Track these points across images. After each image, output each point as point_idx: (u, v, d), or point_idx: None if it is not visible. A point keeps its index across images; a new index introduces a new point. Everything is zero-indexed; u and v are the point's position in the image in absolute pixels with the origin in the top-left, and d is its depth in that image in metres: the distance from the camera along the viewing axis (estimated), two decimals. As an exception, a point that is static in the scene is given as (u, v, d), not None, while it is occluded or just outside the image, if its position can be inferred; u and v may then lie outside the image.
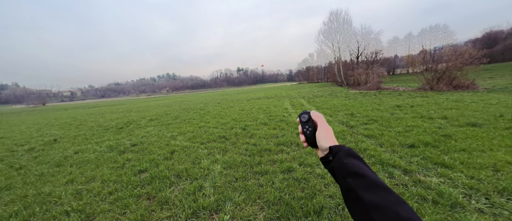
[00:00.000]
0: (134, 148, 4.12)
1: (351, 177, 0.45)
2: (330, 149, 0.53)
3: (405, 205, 0.38)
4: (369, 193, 0.40)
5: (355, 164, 0.47)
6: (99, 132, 6.29)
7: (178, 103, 16.53)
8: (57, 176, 2.99)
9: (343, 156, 0.49)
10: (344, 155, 0.49)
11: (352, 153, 0.50)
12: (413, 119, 4.69)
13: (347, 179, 0.45)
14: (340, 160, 0.49)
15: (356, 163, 0.47)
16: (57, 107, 35.27)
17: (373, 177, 0.43)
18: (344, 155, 0.49)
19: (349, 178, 0.45)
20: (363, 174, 0.44)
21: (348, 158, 0.48)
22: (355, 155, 0.49)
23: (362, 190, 0.42)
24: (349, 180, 0.44)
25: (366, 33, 26.90)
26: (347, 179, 0.45)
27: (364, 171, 0.45)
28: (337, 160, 0.49)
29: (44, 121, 11.06)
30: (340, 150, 0.51)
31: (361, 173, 0.44)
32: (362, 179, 0.43)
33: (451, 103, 6.30)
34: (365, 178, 0.43)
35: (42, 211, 2.10)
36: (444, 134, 3.45)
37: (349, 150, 0.50)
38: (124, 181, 2.61)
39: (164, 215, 1.91)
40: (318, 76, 71.07)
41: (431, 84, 10.54)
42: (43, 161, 3.76)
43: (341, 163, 0.48)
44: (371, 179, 0.43)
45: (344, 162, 0.48)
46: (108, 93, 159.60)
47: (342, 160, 0.48)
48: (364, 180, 0.43)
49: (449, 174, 2.21)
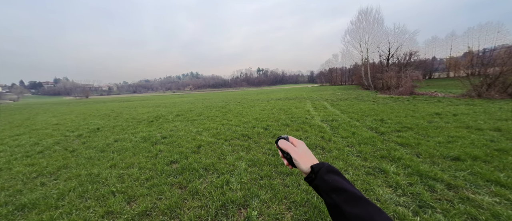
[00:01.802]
0: (165, 140, 4.45)
1: (334, 193, 0.47)
2: (311, 168, 0.55)
3: (383, 214, 0.41)
4: (350, 206, 0.43)
5: (336, 180, 0.49)
6: (133, 124, 6.93)
7: (201, 101, 17.32)
8: (102, 160, 3.39)
9: (324, 173, 0.51)
10: (324, 172, 0.52)
11: (332, 169, 0.52)
12: (456, 129, 4.18)
13: (331, 194, 0.48)
14: (322, 177, 0.51)
15: (336, 179, 0.50)
16: (97, 100, 39.93)
17: (353, 191, 0.46)
18: (325, 172, 0.51)
19: (332, 194, 0.47)
20: (344, 188, 0.47)
21: (328, 175, 0.51)
22: (334, 171, 0.52)
23: (344, 203, 0.44)
24: (333, 196, 0.47)
25: (400, 32, 24.67)
26: (331, 195, 0.47)
27: (344, 185, 0.48)
28: (319, 178, 0.52)
29: (88, 111, 12.60)
30: (321, 168, 0.53)
31: (342, 188, 0.47)
32: (344, 193, 0.46)
33: (506, 113, 5.45)
34: (346, 192, 0.46)
35: (93, 189, 2.41)
36: (498, 148, 3.01)
37: (329, 167, 0.53)
38: (158, 170, 2.85)
39: (195, 204, 2.04)
40: (342, 78, 67.67)
41: (479, 90, 9.23)
42: (90, 146, 4.30)
43: (323, 180, 0.50)
44: (351, 192, 0.46)
45: (325, 179, 0.50)
46: (139, 89, 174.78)
47: (323, 177, 0.51)
48: (345, 194, 0.46)
49: (506, 194, 1.93)
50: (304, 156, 0.59)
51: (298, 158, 0.58)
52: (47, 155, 3.85)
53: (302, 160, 0.58)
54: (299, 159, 0.58)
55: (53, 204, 2.15)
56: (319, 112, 7.30)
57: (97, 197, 2.24)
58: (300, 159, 0.58)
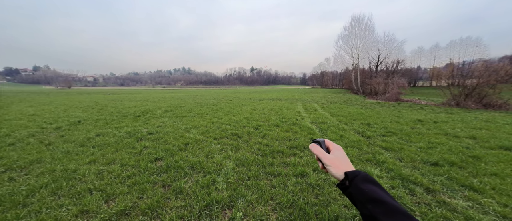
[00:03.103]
0: (151, 137, 4.29)
1: (371, 203, 0.45)
2: (345, 175, 0.53)
3: None
4: (390, 220, 0.41)
5: (373, 190, 0.47)
6: (118, 118, 6.63)
7: (192, 97, 16.97)
8: (81, 155, 3.20)
9: (360, 182, 0.49)
10: (361, 180, 0.49)
11: (369, 179, 0.50)
12: (436, 135, 4.41)
13: (367, 205, 0.45)
14: (357, 186, 0.49)
15: (374, 189, 0.47)
16: (81, 91, 37.84)
17: (392, 203, 0.44)
18: (361, 181, 0.49)
19: (369, 205, 0.45)
20: (383, 200, 0.44)
21: (365, 184, 0.49)
22: (372, 180, 0.50)
23: (383, 216, 0.42)
24: (369, 207, 0.45)
25: (389, 41, 25.76)
26: (367, 206, 0.45)
27: (383, 197, 0.45)
28: (354, 186, 0.49)
29: (69, 103, 11.89)
30: (357, 175, 0.51)
31: (380, 199, 0.45)
32: (382, 205, 0.44)
33: (480, 122, 5.83)
34: (385, 204, 0.44)
35: (68, 186, 2.26)
36: (472, 155, 3.20)
37: (366, 176, 0.50)
38: (141, 167, 2.73)
39: (178, 204, 1.97)
40: (333, 82, 69.29)
41: (457, 100, 9.83)
42: (69, 140, 4.04)
43: (359, 189, 0.48)
44: (391, 205, 0.43)
45: (361, 188, 0.48)
46: (127, 82, 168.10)
47: (359, 186, 0.49)
48: (384, 206, 0.43)
49: (478, 199, 2.05)
50: (337, 161, 0.56)
51: (329, 163, 0.56)
52: (19, 147, 3.57)
53: (334, 166, 0.56)
54: (330, 164, 0.56)
55: (21, 201, 1.98)
56: (309, 114, 7.40)
57: (72, 195, 2.10)
58: (332, 165, 0.56)
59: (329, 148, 0.62)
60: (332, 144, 0.62)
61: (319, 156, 0.59)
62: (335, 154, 0.58)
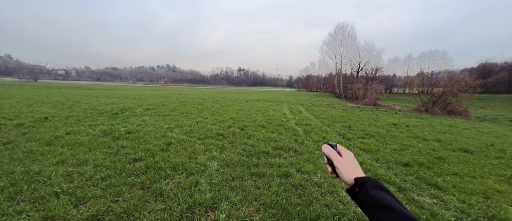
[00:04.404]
0: (129, 136, 4.04)
1: (381, 210, 0.45)
2: (355, 181, 0.53)
3: None
4: None
5: (383, 197, 0.47)
6: (93, 115, 6.13)
7: (176, 96, 16.36)
8: (47, 156, 2.89)
9: (370, 188, 0.49)
10: (371, 187, 0.49)
11: (379, 186, 0.50)
12: (408, 138, 4.79)
13: (377, 212, 0.45)
14: (367, 192, 0.49)
15: (383, 196, 0.47)
16: (49, 84, 34.25)
17: (403, 211, 0.44)
18: (371, 187, 0.49)
19: (378, 211, 0.45)
20: (393, 207, 0.44)
21: (375, 190, 0.48)
22: (382, 187, 0.50)
23: None
24: (379, 214, 0.45)
25: (369, 49, 27.48)
26: (377, 212, 0.45)
27: (393, 204, 0.45)
28: (364, 193, 0.49)
29: (35, 97, 10.71)
30: (367, 182, 0.51)
31: (390, 206, 0.45)
32: (392, 212, 0.44)
33: (445, 127, 6.48)
34: (394, 211, 0.44)
35: (30, 189, 2.02)
36: (438, 156, 3.54)
37: (376, 182, 0.51)
38: (117, 168, 2.55)
39: (158, 207, 1.87)
40: (318, 86, 71.81)
41: (426, 106, 10.81)
42: (32, 138, 3.63)
43: (369, 196, 0.48)
44: (401, 212, 0.43)
45: (371, 195, 0.48)
46: (104, 77, 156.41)
47: (369, 192, 0.49)
48: (394, 213, 0.43)
49: (442, 196, 2.26)
50: (348, 166, 0.56)
51: (341, 167, 0.56)
52: (-31, 146, 3.12)
53: (345, 170, 0.55)
54: (342, 168, 0.56)
55: (-30, 208, 1.73)
56: (294, 116, 7.58)
57: (35, 199, 1.88)
58: (344, 169, 0.55)
59: (340, 152, 0.61)
60: (344, 149, 0.62)
61: (332, 157, 0.58)
62: (347, 159, 0.58)
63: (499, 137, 5.44)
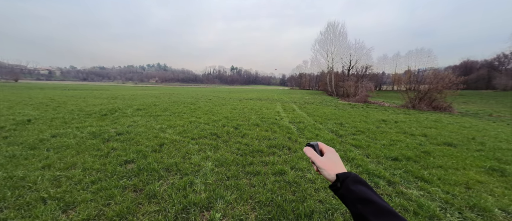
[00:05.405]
0: (120, 137, 3.92)
1: (361, 203, 0.47)
2: (337, 176, 0.54)
3: None
4: (378, 219, 0.43)
5: (363, 191, 0.49)
6: (80, 116, 5.90)
7: (168, 95, 16.03)
8: (32, 160, 2.76)
9: (351, 183, 0.51)
10: (351, 182, 0.51)
11: (359, 180, 0.52)
12: (396, 134, 4.98)
13: (357, 205, 0.47)
14: (348, 187, 0.51)
15: (363, 190, 0.49)
16: (31, 85, 32.46)
17: (381, 203, 0.46)
18: (352, 182, 0.51)
19: (359, 205, 0.47)
20: (372, 200, 0.47)
21: (355, 185, 0.51)
22: (362, 181, 0.52)
23: (372, 216, 0.44)
24: (359, 207, 0.47)
25: (359, 47, 28.18)
26: (357, 205, 0.47)
27: (372, 197, 0.47)
28: (345, 187, 0.51)
29: (16, 98, 10.14)
30: (347, 177, 0.53)
31: (369, 199, 0.47)
32: (372, 205, 0.46)
33: (430, 122, 6.78)
34: (374, 204, 0.46)
35: (14, 195, 1.93)
36: (424, 150, 3.70)
37: (356, 177, 0.53)
38: (108, 171, 2.48)
39: (152, 209, 1.84)
40: (310, 84, 72.67)
41: (413, 102, 11.25)
42: (14, 142, 3.45)
43: (349, 190, 0.50)
44: (380, 205, 0.45)
45: (352, 189, 0.50)
46: (91, 77, 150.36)
47: (350, 187, 0.51)
48: (373, 206, 0.46)
49: (428, 188, 2.38)
50: (329, 164, 0.58)
51: (322, 166, 0.57)
52: None
53: (326, 168, 0.57)
54: (323, 167, 0.57)
55: None
56: (288, 114, 7.65)
57: (20, 206, 1.80)
58: (324, 167, 0.57)
59: (323, 150, 0.64)
60: (326, 147, 0.64)
61: (312, 159, 0.60)
62: (328, 157, 0.60)
63: (480, 131, 5.76)
